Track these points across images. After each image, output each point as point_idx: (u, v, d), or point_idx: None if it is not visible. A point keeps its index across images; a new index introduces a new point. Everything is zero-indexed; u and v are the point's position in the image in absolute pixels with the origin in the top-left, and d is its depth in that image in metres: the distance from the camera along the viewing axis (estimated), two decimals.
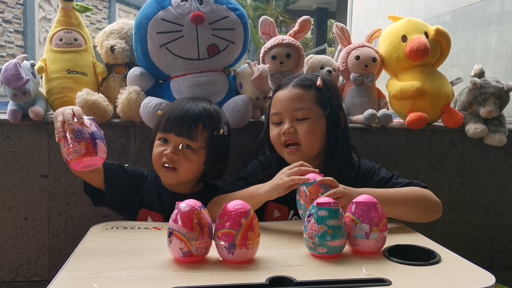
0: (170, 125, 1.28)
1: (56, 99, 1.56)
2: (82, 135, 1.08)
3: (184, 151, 1.29)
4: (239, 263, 0.91)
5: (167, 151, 1.28)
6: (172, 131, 1.28)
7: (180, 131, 1.27)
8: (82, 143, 1.07)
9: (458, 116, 1.73)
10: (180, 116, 1.29)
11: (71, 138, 1.07)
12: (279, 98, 1.31)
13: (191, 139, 1.28)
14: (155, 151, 1.31)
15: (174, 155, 1.27)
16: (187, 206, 0.91)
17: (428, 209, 1.19)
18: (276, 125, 1.31)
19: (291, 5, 15.67)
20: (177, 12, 1.50)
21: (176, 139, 1.28)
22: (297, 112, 1.28)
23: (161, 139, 1.30)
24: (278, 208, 1.33)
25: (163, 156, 1.28)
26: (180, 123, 1.28)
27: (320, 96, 1.29)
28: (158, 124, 1.33)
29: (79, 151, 1.06)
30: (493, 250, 1.84)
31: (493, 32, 4.16)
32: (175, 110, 1.31)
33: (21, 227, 1.58)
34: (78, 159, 1.06)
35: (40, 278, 1.60)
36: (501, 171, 1.81)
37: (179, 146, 1.28)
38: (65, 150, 1.07)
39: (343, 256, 0.96)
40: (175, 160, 1.28)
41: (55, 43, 1.61)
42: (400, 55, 1.73)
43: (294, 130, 1.27)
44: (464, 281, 0.87)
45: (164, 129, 1.29)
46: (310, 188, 1.06)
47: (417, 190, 1.20)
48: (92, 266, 0.91)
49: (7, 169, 1.55)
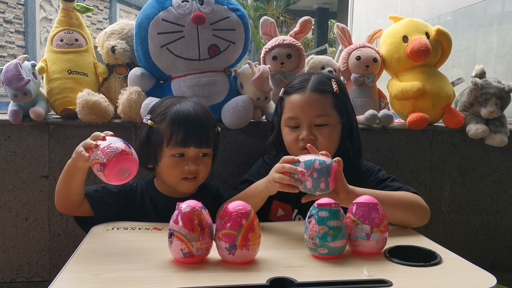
0: (188, 139, 1.23)
1: (57, 99, 1.56)
2: (116, 140, 1.07)
3: (203, 159, 1.27)
4: (240, 264, 0.90)
5: (189, 166, 1.24)
6: (192, 145, 1.24)
7: (201, 143, 1.25)
8: (117, 144, 1.05)
9: (459, 116, 1.73)
10: (195, 126, 1.24)
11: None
12: (296, 102, 1.28)
13: (208, 146, 1.27)
14: (173, 171, 1.25)
15: (197, 167, 1.25)
16: (188, 207, 0.90)
17: (414, 213, 1.17)
18: (292, 129, 1.29)
19: (292, 5, 15.67)
20: (178, 13, 1.50)
21: (195, 151, 1.25)
22: (317, 119, 1.26)
23: (176, 154, 1.25)
24: (282, 207, 1.33)
25: (183, 172, 1.25)
26: (199, 134, 1.24)
27: (337, 101, 1.28)
28: (163, 140, 1.25)
29: (115, 150, 1.03)
30: (494, 251, 1.84)
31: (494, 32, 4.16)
32: (185, 121, 1.24)
33: (21, 228, 1.58)
34: (116, 157, 1.02)
35: (40, 279, 1.60)
36: (502, 172, 1.80)
37: (198, 157, 1.26)
38: (100, 155, 1.03)
39: (344, 257, 0.95)
40: (197, 171, 1.26)
41: (56, 43, 1.62)
42: (401, 55, 1.73)
43: (314, 136, 1.25)
44: (465, 282, 0.86)
45: (182, 144, 1.23)
46: None
47: (406, 194, 1.19)
48: (93, 267, 0.91)
49: (7, 170, 1.55)
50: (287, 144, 1.30)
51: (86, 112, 1.48)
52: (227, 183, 1.62)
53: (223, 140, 1.61)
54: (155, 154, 1.27)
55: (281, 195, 1.18)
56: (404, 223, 1.17)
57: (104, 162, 1.02)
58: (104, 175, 1.03)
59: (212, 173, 1.61)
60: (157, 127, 1.27)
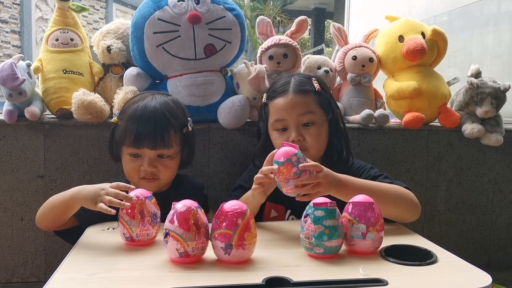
0: (140, 140, 1.18)
1: (52, 99, 1.55)
2: (157, 219, 1.03)
3: (162, 161, 1.22)
4: (236, 264, 0.90)
5: (144, 167, 1.19)
6: (145, 146, 1.18)
7: (155, 145, 1.18)
8: (155, 228, 1.03)
9: (455, 116, 1.73)
10: (147, 126, 1.18)
11: (148, 221, 1.00)
12: (281, 105, 1.28)
13: (167, 148, 1.20)
14: (128, 168, 1.22)
15: (153, 168, 1.21)
16: (184, 206, 0.90)
17: (405, 208, 1.17)
18: (280, 132, 1.29)
19: (288, 6, 15.69)
20: (173, 12, 1.50)
21: (151, 153, 1.20)
22: (303, 117, 1.26)
23: (131, 154, 1.21)
24: (274, 208, 1.33)
25: (140, 172, 1.21)
26: (152, 134, 1.18)
27: (320, 98, 1.29)
28: (121, 138, 1.21)
29: (150, 235, 1.02)
30: (490, 250, 1.85)
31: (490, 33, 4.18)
32: (139, 120, 1.18)
33: (17, 228, 1.57)
34: (145, 241, 1.02)
35: (36, 279, 1.60)
36: (498, 171, 1.81)
37: (155, 158, 1.20)
38: (137, 230, 1.00)
39: (340, 256, 0.95)
40: (154, 172, 1.21)
41: (51, 43, 1.61)
42: (397, 55, 1.73)
43: (302, 137, 1.26)
44: (461, 281, 0.86)
45: (135, 144, 1.18)
46: (282, 168, 1.03)
47: (397, 187, 1.19)
48: (88, 266, 0.90)
49: (3, 170, 1.54)
50: (277, 148, 1.30)
51: (81, 112, 1.48)
52: (224, 183, 1.62)
53: (220, 140, 1.61)
54: (117, 151, 1.25)
55: (274, 197, 1.19)
56: (394, 216, 1.16)
57: (135, 238, 1.01)
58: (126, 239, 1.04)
59: (209, 173, 1.62)
60: (119, 124, 1.24)
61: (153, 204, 1.03)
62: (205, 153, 1.61)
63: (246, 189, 1.28)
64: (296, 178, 1.03)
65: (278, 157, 1.04)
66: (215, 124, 1.59)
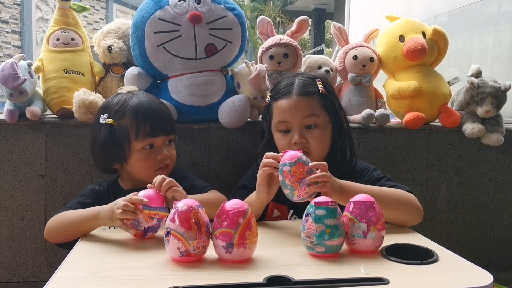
0: (156, 128, 1.26)
1: (53, 98, 1.55)
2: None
3: (170, 146, 1.32)
4: (237, 263, 0.90)
5: (161, 155, 1.27)
6: (161, 133, 1.27)
7: (167, 130, 1.29)
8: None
9: (455, 115, 1.73)
10: (157, 114, 1.28)
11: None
12: (284, 107, 1.27)
13: (174, 132, 1.33)
14: (146, 163, 1.26)
15: (168, 154, 1.29)
16: (185, 205, 0.90)
17: (407, 212, 1.16)
18: (283, 134, 1.29)
19: (288, 6, 15.70)
20: (174, 12, 1.50)
21: (163, 139, 1.29)
22: (307, 120, 1.26)
23: (147, 145, 1.26)
24: (277, 208, 1.33)
25: (155, 163, 1.27)
26: (164, 121, 1.29)
27: (324, 101, 1.28)
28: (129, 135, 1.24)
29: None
30: (491, 250, 1.85)
31: (490, 33, 4.18)
32: (147, 112, 1.26)
33: (18, 227, 1.57)
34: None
35: (37, 279, 1.60)
36: (499, 171, 1.81)
37: (166, 145, 1.29)
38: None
39: (341, 255, 0.95)
40: (168, 158, 1.29)
41: (52, 42, 1.61)
42: (397, 55, 1.73)
43: (305, 139, 1.25)
44: (462, 280, 0.86)
45: (151, 134, 1.25)
46: (294, 168, 1.05)
47: (399, 192, 1.18)
48: (89, 265, 0.90)
49: (4, 169, 1.54)
50: (280, 149, 1.30)
51: (82, 112, 1.48)
52: (225, 182, 1.62)
53: (220, 140, 1.61)
54: (123, 151, 1.26)
55: (277, 196, 1.19)
56: (396, 220, 1.16)
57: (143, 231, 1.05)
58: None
59: (209, 172, 1.62)
60: (119, 124, 1.26)
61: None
62: (206, 153, 1.61)
63: (249, 188, 1.28)
64: (309, 176, 1.04)
65: (287, 159, 1.06)
66: (216, 124, 1.59)
